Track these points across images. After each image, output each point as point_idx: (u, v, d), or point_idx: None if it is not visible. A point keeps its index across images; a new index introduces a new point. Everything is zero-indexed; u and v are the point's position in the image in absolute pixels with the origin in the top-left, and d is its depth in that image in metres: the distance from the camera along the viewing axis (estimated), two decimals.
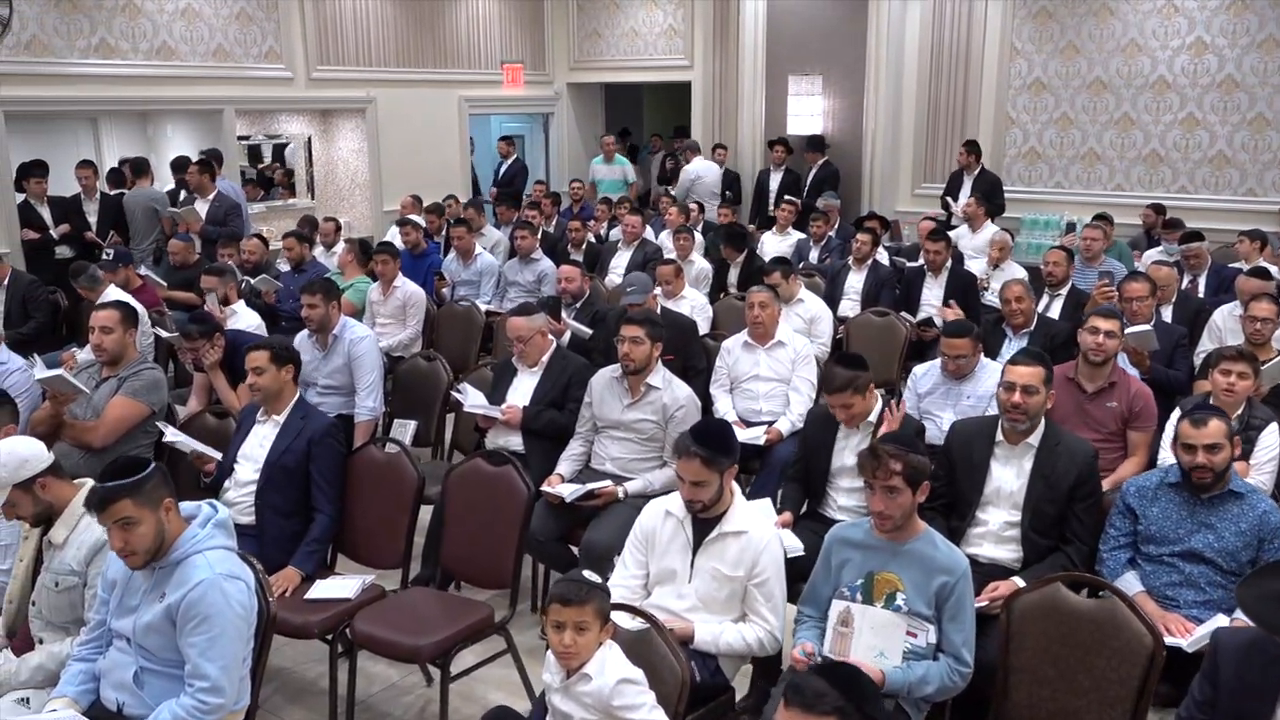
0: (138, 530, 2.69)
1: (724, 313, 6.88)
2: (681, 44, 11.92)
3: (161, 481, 2.78)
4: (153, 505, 2.72)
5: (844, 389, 3.91)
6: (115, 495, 2.68)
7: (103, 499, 2.68)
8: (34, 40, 8.11)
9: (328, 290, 5.28)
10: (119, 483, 2.70)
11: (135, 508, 2.69)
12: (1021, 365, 3.63)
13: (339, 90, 10.42)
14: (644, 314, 4.46)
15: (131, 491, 2.69)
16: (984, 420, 3.87)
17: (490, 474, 3.85)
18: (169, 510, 2.77)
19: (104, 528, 2.93)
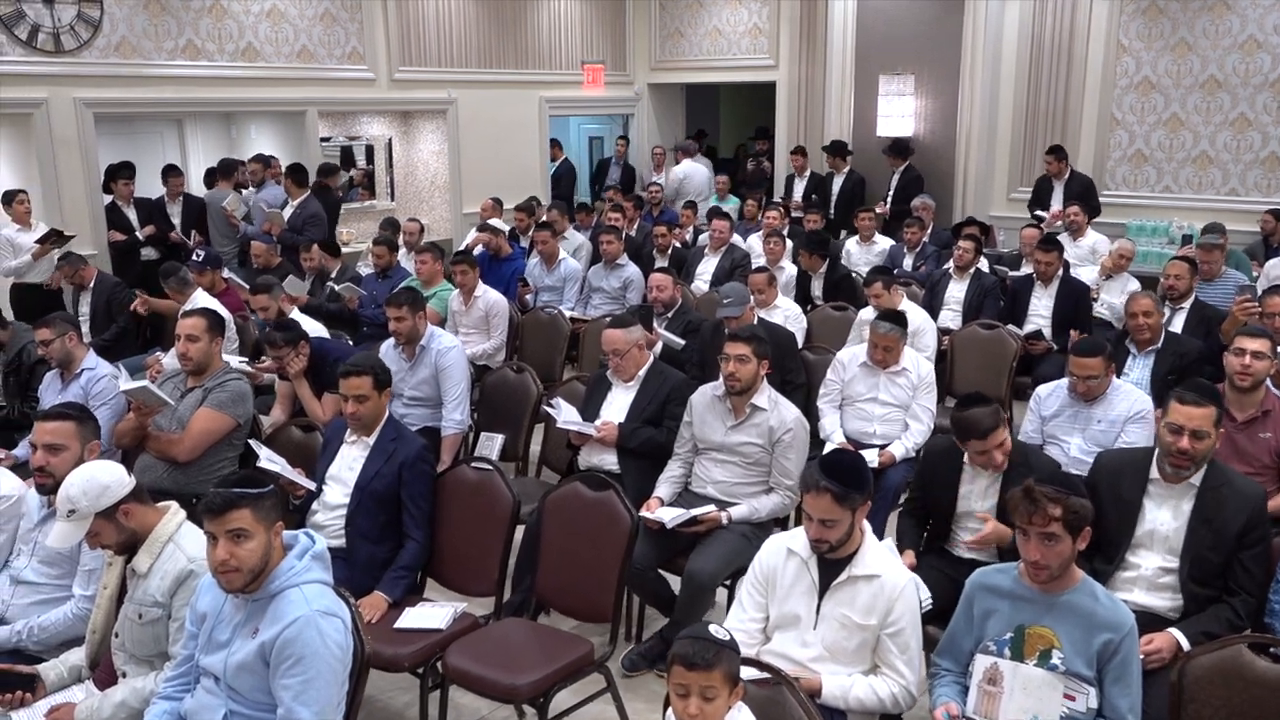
0: (247, 545, 2.53)
1: (820, 324, 6.58)
2: (766, 43, 11.62)
3: (279, 504, 2.66)
4: (267, 523, 2.58)
5: (996, 427, 3.56)
6: (238, 501, 2.53)
7: (225, 502, 2.53)
8: (123, 42, 8.11)
9: (414, 302, 5.09)
10: (244, 490, 2.56)
11: (253, 520, 2.54)
12: (1191, 405, 3.21)
13: (420, 91, 10.32)
14: (750, 330, 4.19)
15: (254, 503, 2.55)
16: (1135, 453, 3.52)
17: (590, 499, 3.61)
18: (277, 534, 2.62)
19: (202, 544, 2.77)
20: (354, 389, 3.79)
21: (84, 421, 3.38)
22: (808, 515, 2.81)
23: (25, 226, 7.42)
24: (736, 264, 7.95)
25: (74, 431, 3.31)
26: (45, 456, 3.24)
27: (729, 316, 5.38)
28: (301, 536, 2.71)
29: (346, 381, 3.79)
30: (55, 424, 3.29)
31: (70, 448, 3.28)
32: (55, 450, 3.25)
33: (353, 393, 3.79)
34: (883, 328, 4.90)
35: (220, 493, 2.56)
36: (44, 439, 3.26)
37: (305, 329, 5.20)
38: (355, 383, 3.79)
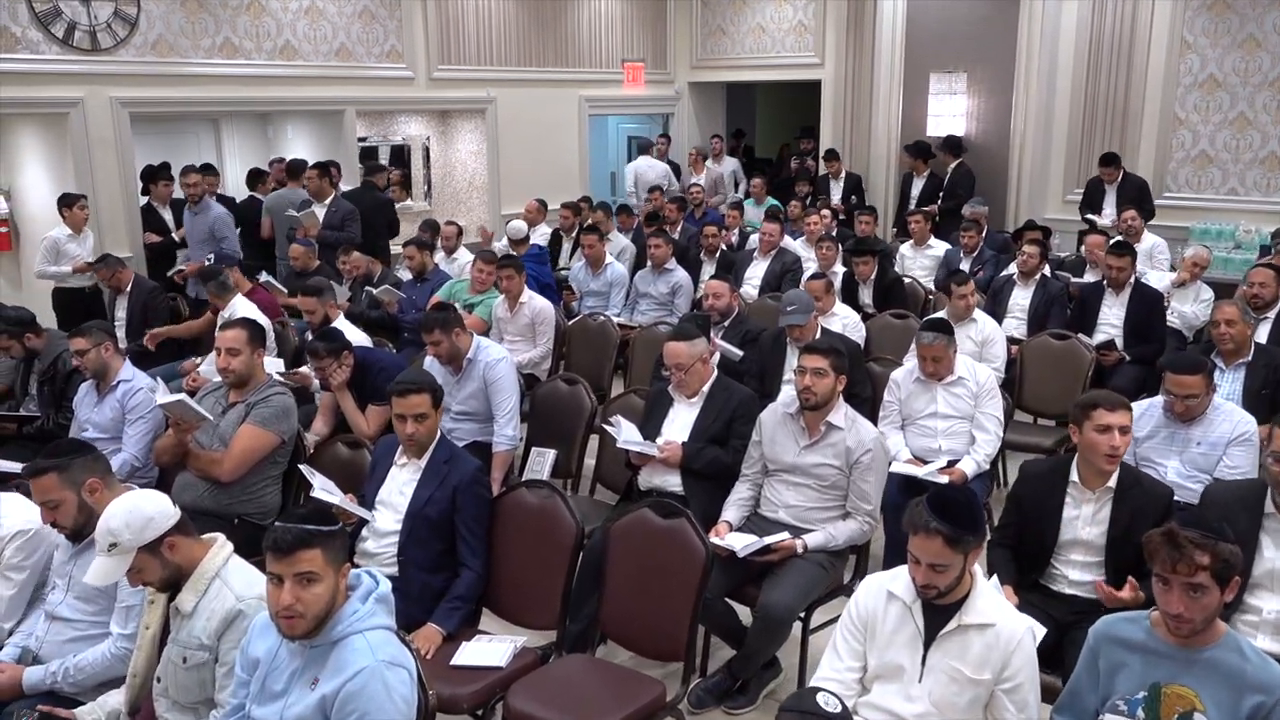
0: (315, 589, 2.31)
1: (878, 333, 6.30)
2: (812, 40, 11.34)
3: (347, 544, 2.46)
4: (336, 565, 2.37)
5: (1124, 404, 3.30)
6: (310, 540, 2.32)
7: (296, 540, 2.31)
8: (160, 40, 7.95)
9: (444, 323, 4.82)
10: (316, 528, 2.34)
11: (323, 562, 2.33)
12: None
13: (459, 90, 10.11)
14: (828, 342, 3.92)
15: (326, 542, 2.34)
16: (1246, 485, 3.24)
17: (661, 528, 3.37)
18: (344, 576, 2.40)
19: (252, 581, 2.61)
20: (413, 408, 3.55)
21: (64, 468, 3.03)
22: (914, 558, 2.55)
23: (77, 233, 7.26)
24: (787, 268, 7.68)
25: (57, 482, 3.01)
26: (48, 512, 3.03)
27: (793, 325, 5.11)
28: (364, 577, 2.48)
29: (405, 400, 3.55)
30: (37, 481, 3.00)
31: (63, 499, 3.00)
32: (52, 507, 3.02)
33: (412, 412, 3.55)
34: (926, 337, 4.64)
35: (290, 529, 2.34)
36: (38, 497, 3.03)
37: (349, 338, 4.98)
38: (415, 401, 3.55)
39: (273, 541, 2.33)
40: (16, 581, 3.14)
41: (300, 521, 2.37)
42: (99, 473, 3.06)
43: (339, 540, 2.40)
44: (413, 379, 3.67)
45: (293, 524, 2.36)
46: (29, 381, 5.27)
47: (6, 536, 3.14)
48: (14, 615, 3.13)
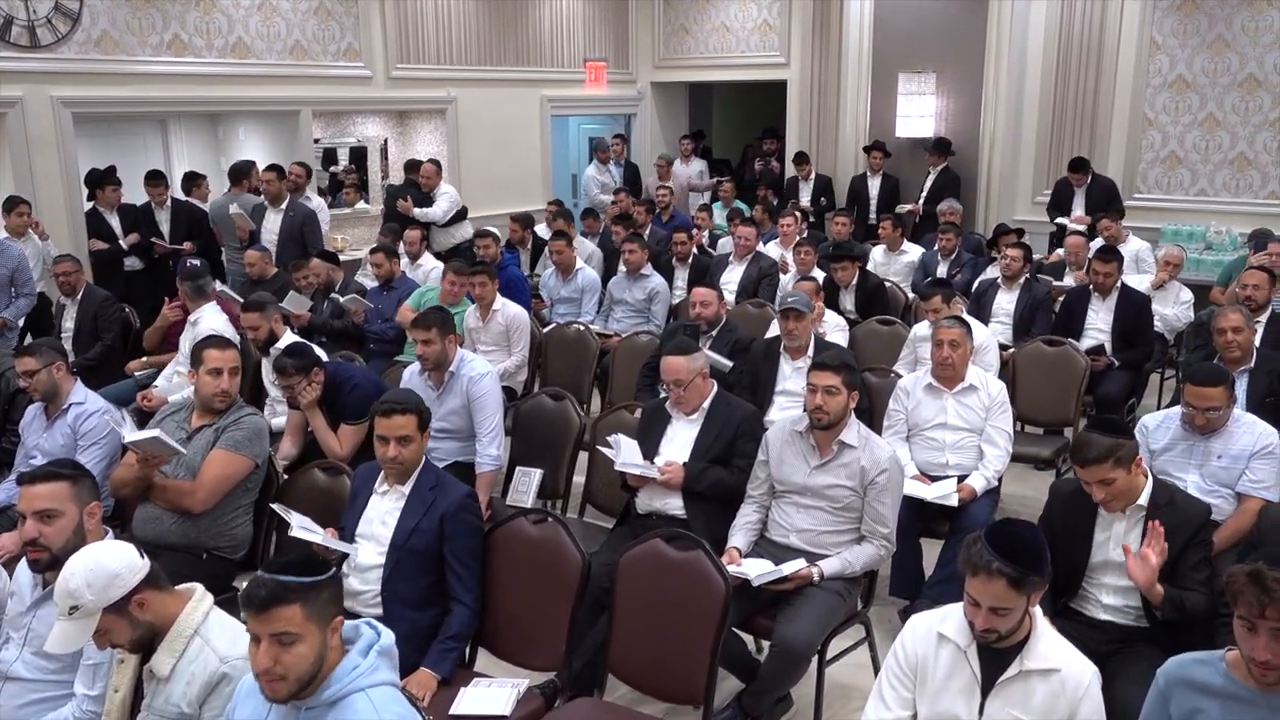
0: (296, 649, 2.06)
1: (864, 341, 6.12)
2: (777, 40, 11.18)
3: (335, 595, 2.18)
4: (322, 621, 2.10)
5: (1102, 460, 3.07)
6: (285, 596, 2.06)
7: (270, 596, 2.05)
8: (104, 36, 7.54)
9: (443, 323, 4.59)
10: (296, 580, 2.07)
11: (304, 619, 2.06)
12: None
13: (419, 90, 9.78)
14: (839, 357, 3.70)
15: (306, 596, 2.08)
16: None
17: (675, 560, 3.13)
18: (335, 632, 2.14)
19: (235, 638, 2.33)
20: (397, 429, 3.27)
21: (79, 480, 2.83)
22: (972, 600, 2.35)
23: (16, 238, 6.84)
24: (764, 273, 7.48)
25: (69, 494, 2.78)
26: (37, 526, 2.71)
27: (794, 310, 4.89)
28: (364, 628, 2.22)
29: (388, 421, 3.28)
30: (46, 486, 2.75)
31: (66, 513, 2.75)
32: (49, 518, 2.72)
33: (395, 434, 3.27)
34: (947, 322, 4.52)
35: (264, 583, 2.07)
36: (34, 505, 2.73)
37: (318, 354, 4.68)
38: (400, 422, 3.27)
39: (246, 597, 2.09)
40: None
41: (279, 571, 2.11)
42: (98, 499, 2.85)
43: (325, 592, 2.14)
44: (398, 398, 3.40)
45: (270, 574, 2.10)
46: None
47: None
48: None
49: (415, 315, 6.04)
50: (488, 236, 7.37)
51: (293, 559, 2.20)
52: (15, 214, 6.86)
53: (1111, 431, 3.14)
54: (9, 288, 6.30)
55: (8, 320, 6.05)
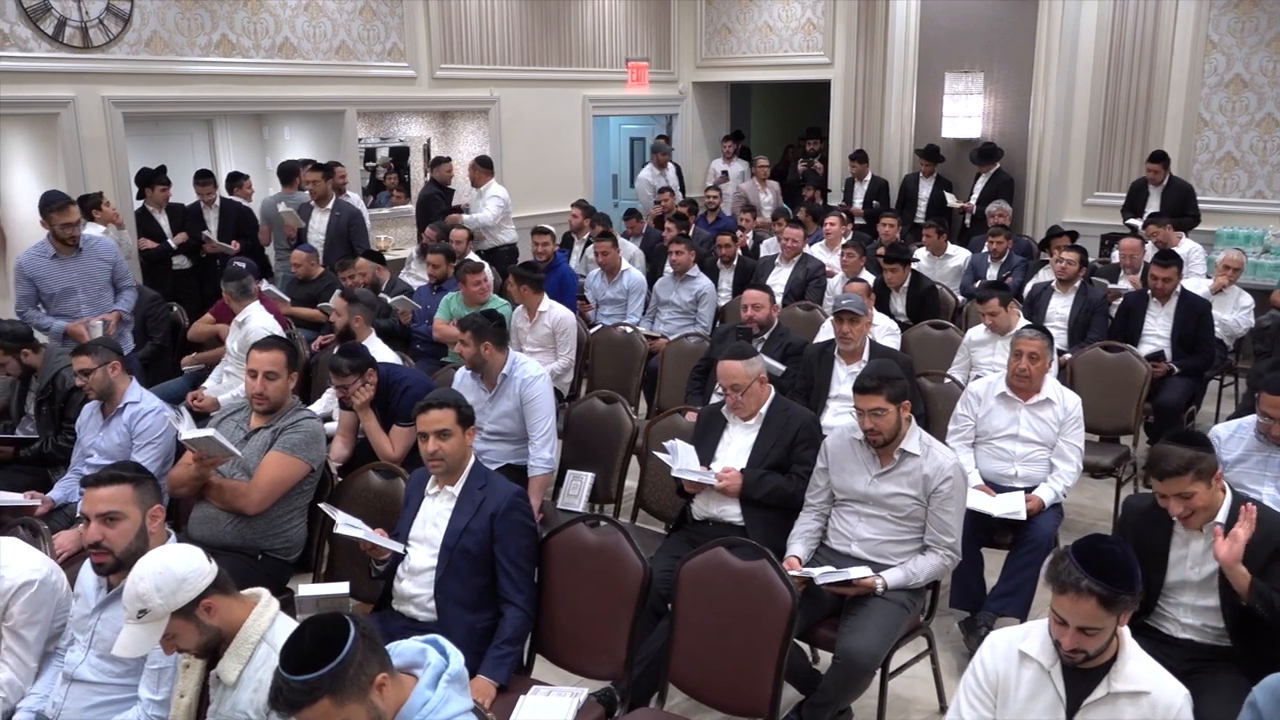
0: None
1: (917, 345, 6.02)
2: (821, 39, 11.07)
3: (367, 653, 1.96)
4: (359, 695, 1.93)
5: (1182, 473, 2.95)
6: (311, 695, 1.89)
7: (290, 702, 1.89)
8: (154, 37, 7.59)
9: (478, 329, 4.54)
10: (311, 677, 1.88)
11: (335, 707, 1.90)
12: None
13: (462, 90, 9.78)
14: (877, 375, 3.54)
15: (332, 685, 1.89)
16: None
17: (739, 570, 3.07)
18: (383, 688, 1.98)
19: None
20: (434, 424, 3.23)
21: (141, 483, 2.82)
22: (1058, 619, 2.27)
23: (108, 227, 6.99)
24: (811, 275, 7.40)
25: (132, 496, 2.77)
26: (100, 529, 2.69)
27: (848, 312, 4.82)
28: (431, 654, 2.14)
29: (425, 416, 3.24)
30: (110, 489, 2.74)
31: (129, 516, 2.74)
32: (112, 520, 2.71)
33: (433, 428, 3.23)
34: (1029, 332, 4.43)
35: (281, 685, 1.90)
36: (98, 508, 2.71)
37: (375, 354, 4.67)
38: (436, 416, 3.24)
39: (272, 702, 1.94)
40: (29, 640, 2.81)
41: (294, 656, 1.93)
42: (160, 501, 2.83)
43: (350, 667, 1.92)
44: (436, 394, 3.37)
45: (284, 677, 1.90)
46: (25, 401, 4.92)
47: (11, 590, 2.80)
48: (32, 677, 2.80)
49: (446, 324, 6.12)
50: (545, 234, 7.38)
51: (303, 645, 1.96)
52: (105, 205, 7.07)
53: (1189, 443, 3.03)
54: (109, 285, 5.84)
55: (122, 313, 5.72)
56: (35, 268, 5.53)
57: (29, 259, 5.58)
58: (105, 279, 5.71)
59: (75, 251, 5.55)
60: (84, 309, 5.57)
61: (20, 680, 2.80)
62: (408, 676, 2.12)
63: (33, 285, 5.51)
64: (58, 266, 5.54)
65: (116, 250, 5.91)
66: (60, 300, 5.54)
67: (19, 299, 5.54)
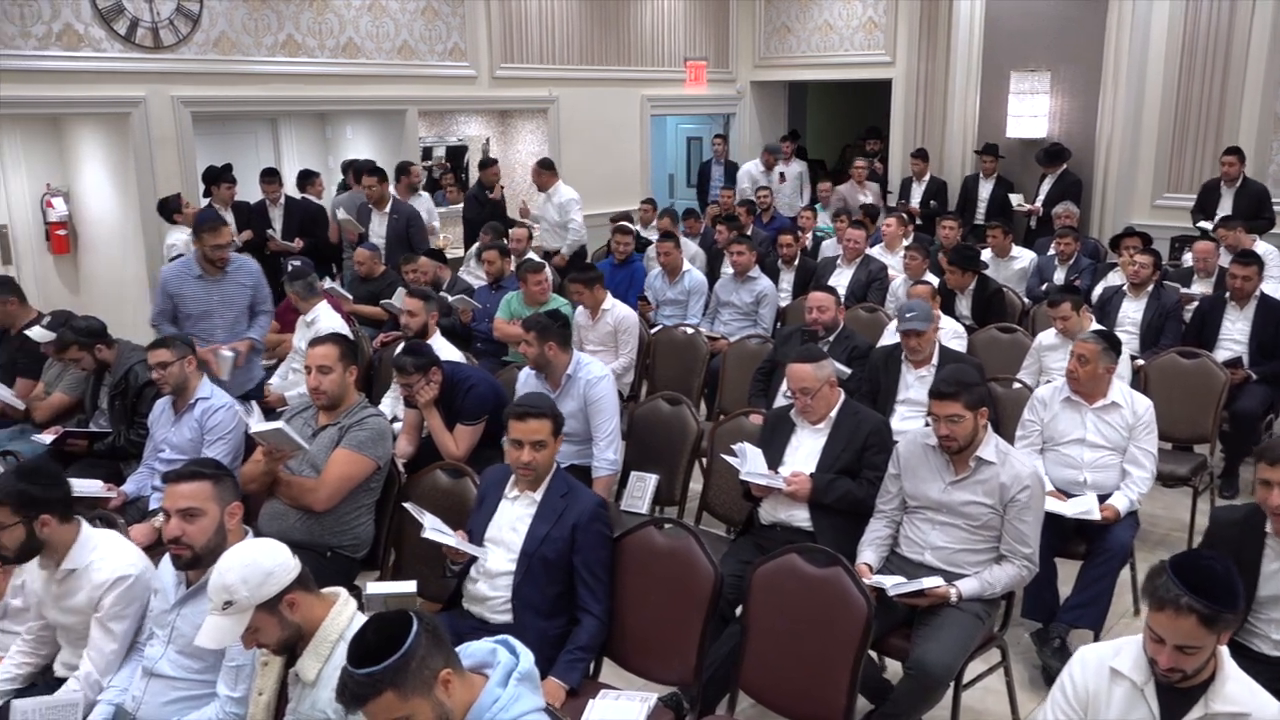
0: None
1: (984, 349, 5.91)
2: (882, 38, 10.95)
3: (431, 649, 1.97)
4: (423, 689, 1.94)
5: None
6: (374, 688, 1.91)
7: (355, 695, 1.92)
8: (222, 37, 7.70)
9: (543, 328, 4.53)
10: (374, 670, 1.90)
11: (399, 700, 1.92)
12: None
13: (521, 89, 9.82)
14: (955, 381, 3.46)
15: (394, 679, 1.91)
16: None
17: (813, 577, 3.02)
18: (448, 684, 1.98)
19: None
20: (532, 434, 3.22)
21: (221, 480, 2.84)
22: (1155, 636, 2.19)
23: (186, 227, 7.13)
24: (873, 276, 7.32)
25: (211, 493, 2.78)
26: (180, 525, 2.71)
27: (914, 330, 4.74)
28: (501, 653, 2.13)
29: (523, 425, 3.23)
30: (190, 485, 2.76)
31: (208, 512, 2.76)
32: (191, 516, 2.73)
33: (530, 438, 3.22)
34: (1086, 335, 4.33)
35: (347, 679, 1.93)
36: (178, 504, 2.73)
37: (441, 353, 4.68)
38: (534, 426, 3.22)
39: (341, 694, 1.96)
40: (117, 633, 2.85)
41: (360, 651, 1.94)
42: (239, 498, 2.83)
43: (412, 661, 1.92)
44: (534, 402, 3.36)
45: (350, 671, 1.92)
46: (99, 395, 5.00)
47: (106, 583, 2.86)
48: (112, 669, 2.84)
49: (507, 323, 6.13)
50: (626, 233, 7.40)
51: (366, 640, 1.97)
52: (186, 206, 7.22)
53: None
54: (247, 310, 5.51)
55: (254, 341, 5.44)
56: (178, 285, 5.27)
57: (173, 276, 5.32)
58: (245, 303, 5.45)
59: (220, 273, 5.30)
60: (219, 333, 5.29)
61: (98, 673, 2.84)
62: (478, 676, 2.11)
63: (172, 302, 5.26)
64: (200, 287, 5.28)
65: (259, 273, 5.63)
66: (197, 322, 5.26)
67: (156, 312, 5.33)
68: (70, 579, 2.94)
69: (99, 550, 2.92)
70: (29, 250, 8.33)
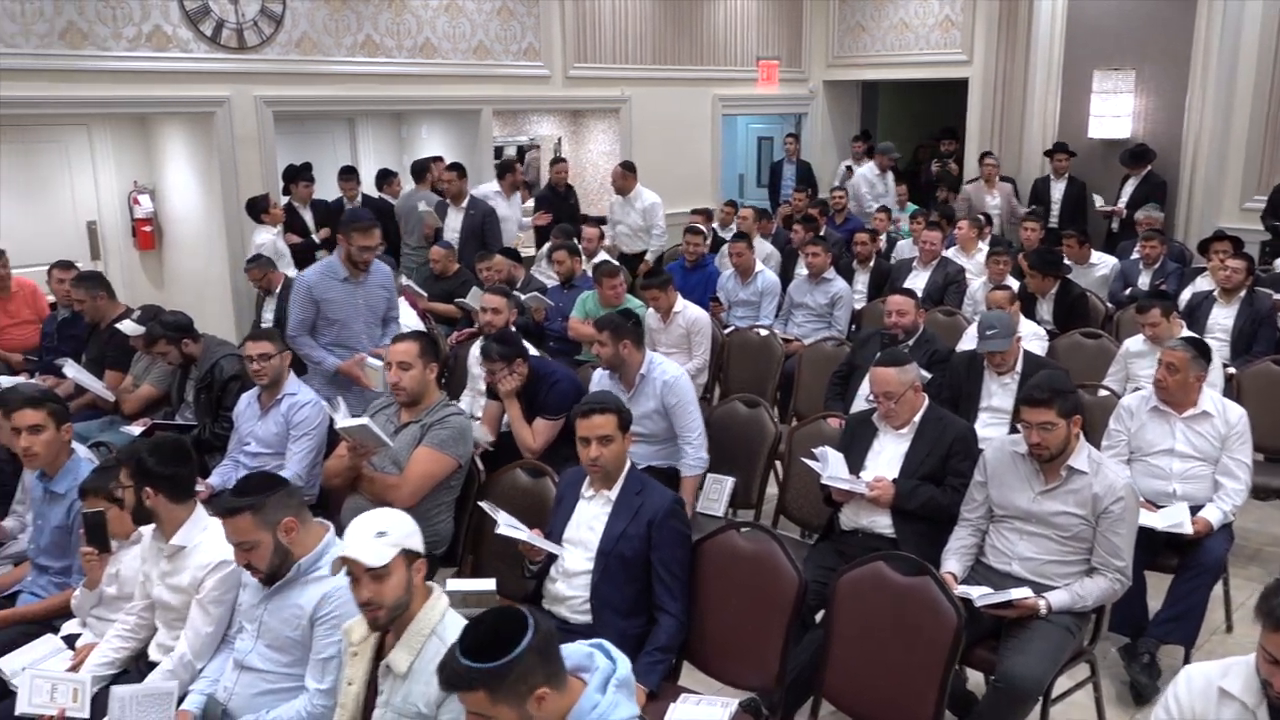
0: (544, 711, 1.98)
1: (1066, 355, 5.77)
2: (959, 36, 10.77)
3: (535, 663, 1.95)
4: (515, 700, 1.95)
5: None
6: (469, 683, 1.94)
7: (449, 680, 1.97)
8: (304, 38, 7.83)
9: (616, 327, 4.50)
10: (475, 667, 1.93)
11: (488, 702, 1.94)
12: None
13: (594, 89, 9.84)
14: (1049, 386, 3.36)
15: (490, 683, 1.93)
16: None
17: (901, 586, 2.97)
18: (542, 701, 1.97)
19: None
20: (597, 429, 3.22)
21: (260, 507, 2.70)
22: (1270, 658, 2.10)
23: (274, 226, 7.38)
24: (951, 279, 7.19)
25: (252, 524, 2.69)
26: (242, 555, 2.73)
27: (993, 350, 4.66)
28: (599, 657, 2.12)
29: (587, 421, 3.23)
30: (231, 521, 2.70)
31: (260, 541, 2.70)
32: (247, 549, 2.72)
33: (595, 434, 3.22)
34: (1174, 343, 4.20)
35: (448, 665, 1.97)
36: (231, 537, 2.73)
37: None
38: (599, 422, 3.22)
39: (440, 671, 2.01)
40: (214, 616, 2.91)
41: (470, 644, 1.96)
42: (294, 509, 2.77)
43: (513, 673, 1.93)
44: (598, 398, 3.36)
45: (452, 658, 1.96)
46: (185, 388, 5.12)
47: (210, 564, 2.92)
48: (206, 653, 2.89)
49: (582, 323, 6.15)
50: (698, 234, 7.39)
51: (481, 632, 2.00)
52: (274, 207, 7.41)
53: None
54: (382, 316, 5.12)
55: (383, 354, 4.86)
56: (324, 289, 4.85)
57: (319, 279, 4.89)
58: (384, 308, 5.09)
59: (364, 275, 4.93)
60: (363, 340, 4.92)
61: (192, 654, 2.89)
62: (575, 680, 2.10)
63: (315, 309, 4.83)
64: (346, 291, 4.89)
65: (392, 276, 5.31)
66: (339, 330, 4.90)
67: (297, 322, 4.86)
68: (178, 556, 3.01)
69: (209, 532, 2.99)
70: (116, 246, 8.56)
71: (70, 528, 3.50)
